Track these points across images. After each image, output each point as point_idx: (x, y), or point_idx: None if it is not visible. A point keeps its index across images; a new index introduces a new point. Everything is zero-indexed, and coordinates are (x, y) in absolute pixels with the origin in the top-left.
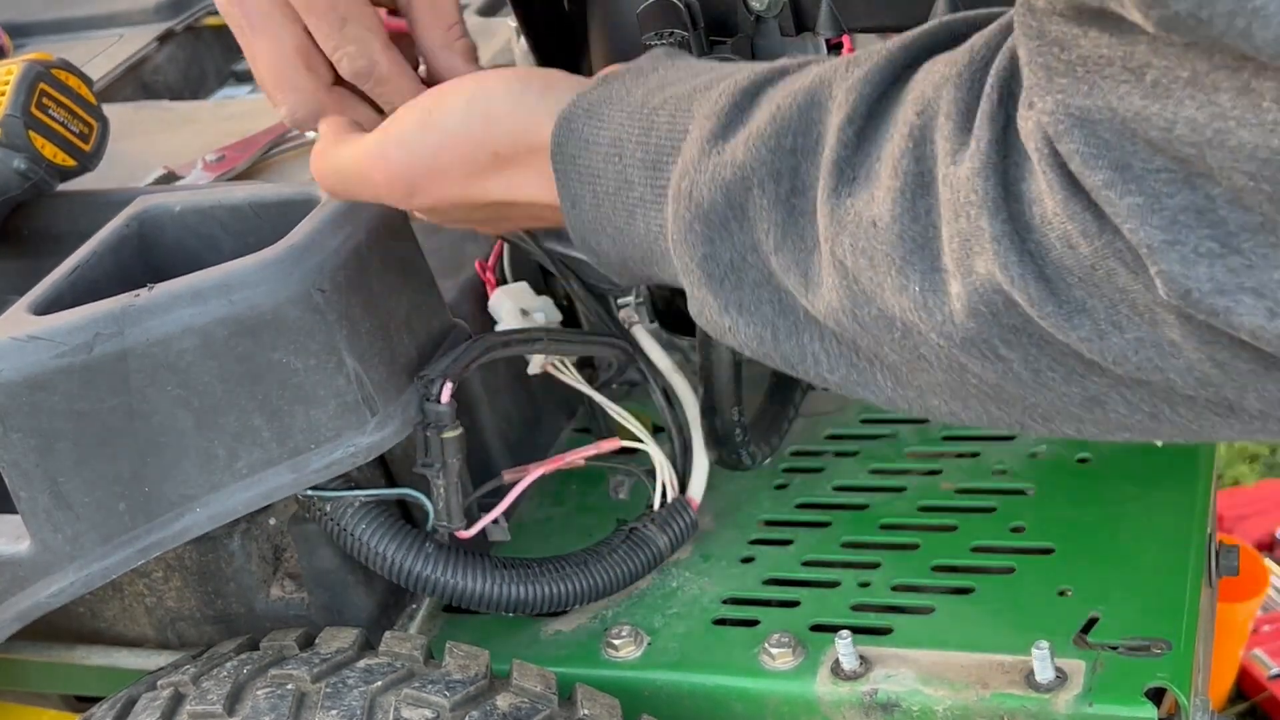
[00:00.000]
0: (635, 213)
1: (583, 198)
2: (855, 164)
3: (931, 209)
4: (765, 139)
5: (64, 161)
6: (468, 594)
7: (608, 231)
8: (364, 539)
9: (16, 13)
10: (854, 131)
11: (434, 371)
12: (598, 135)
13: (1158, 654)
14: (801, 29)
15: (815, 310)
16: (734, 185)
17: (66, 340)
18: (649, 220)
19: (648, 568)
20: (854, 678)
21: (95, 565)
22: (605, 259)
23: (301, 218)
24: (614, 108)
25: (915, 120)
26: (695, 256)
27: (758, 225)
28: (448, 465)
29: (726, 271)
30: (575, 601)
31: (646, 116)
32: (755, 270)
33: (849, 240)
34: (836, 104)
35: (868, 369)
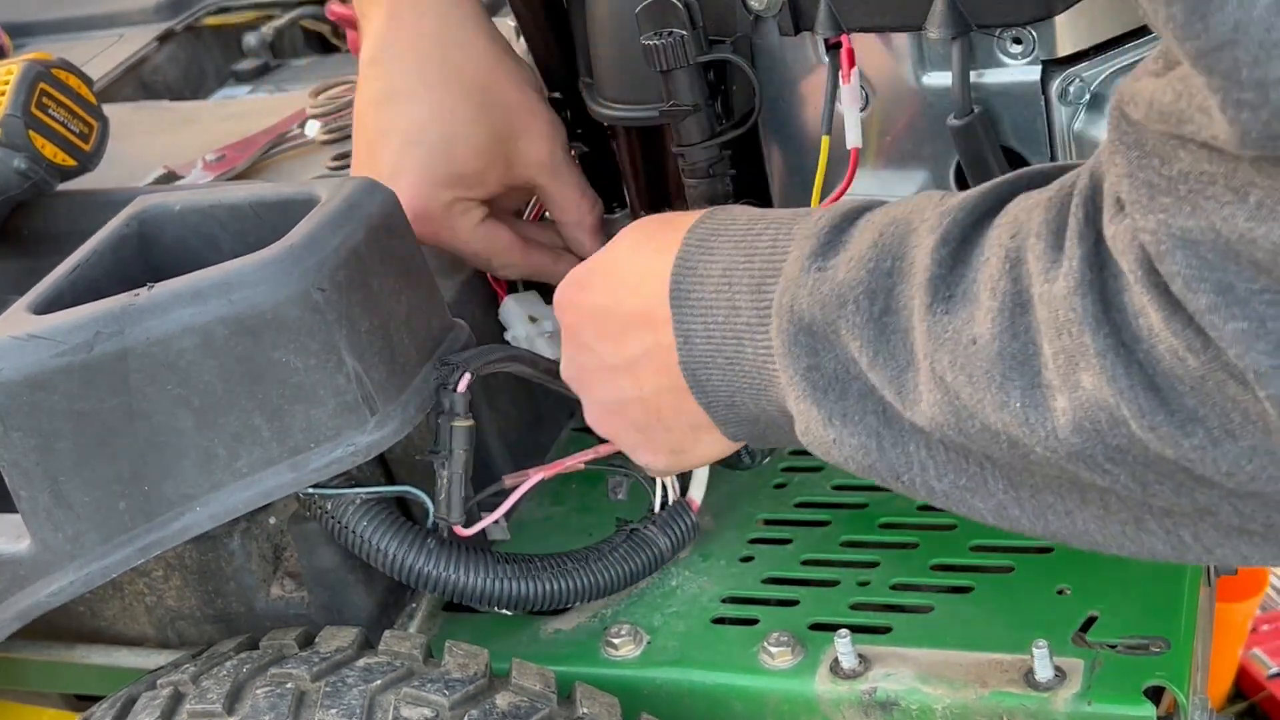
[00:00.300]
0: (743, 339)
1: (695, 331)
2: (951, 283)
3: (1030, 326)
4: (865, 261)
5: (64, 161)
6: (469, 590)
7: (718, 363)
8: (365, 536)
9: (16, 13)
10: (948, 252)
11: (457, 359)
12: (710, 268)
13: (1156, 653)
14: (800, 29)
15: (918, 423)
16: (830, 301)
17: (67, 339)
18: (756, 344)
19: (649, 569)
20: (853, 676)
21: (95, 564)
22: (715, 398)
23: (301, 217)
24: (721, 238)
25: (1009, 243)
26: (799, 368)
27: (850, 343)
28: (455, 455)
29: (830, 383)
30: (576, 599)
31: (750, 242)
32: (857, 382)
33: (948, 357)
34: (929, 227)
35: (978, 473)
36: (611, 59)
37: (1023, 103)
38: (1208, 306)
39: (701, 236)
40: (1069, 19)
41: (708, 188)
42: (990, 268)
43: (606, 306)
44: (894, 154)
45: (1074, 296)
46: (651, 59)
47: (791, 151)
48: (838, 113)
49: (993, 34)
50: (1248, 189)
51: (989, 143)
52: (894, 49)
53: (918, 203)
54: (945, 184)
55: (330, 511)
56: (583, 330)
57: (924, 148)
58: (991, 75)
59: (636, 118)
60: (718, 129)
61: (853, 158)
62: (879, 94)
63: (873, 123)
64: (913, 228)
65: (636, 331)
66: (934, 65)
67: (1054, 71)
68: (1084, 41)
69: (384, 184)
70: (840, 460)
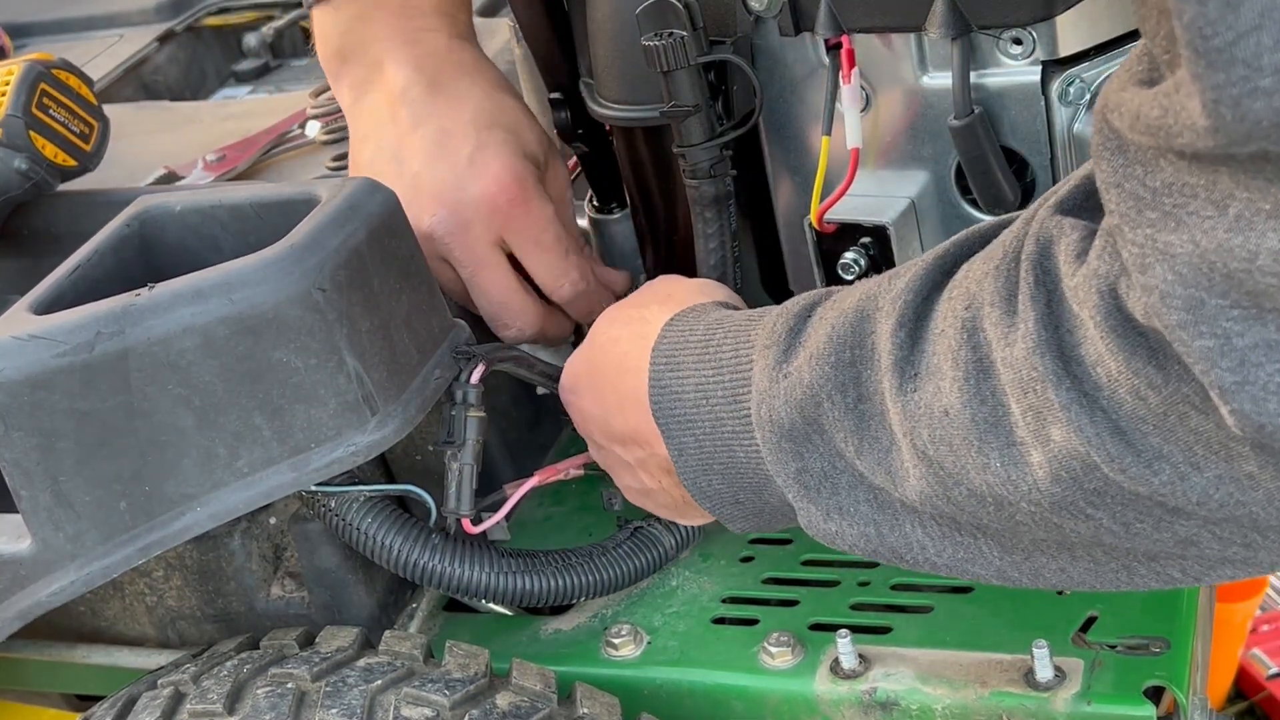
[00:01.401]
0: (732, 446)
1: (687, 444)
2: (914, 362)
3: (996, 390)
4: (825, 357)
5: (65, 161)
6: (474, 585)
7: (715, 469)
8: (369, 533)
9: (17, 13)
10: (905, 334)
11: (475, 349)
12: (682, 385)
13: (1156, 653)
14: (800, 29)
15: (909, 500)
16: (806, 403)
17: (68, 339)
18: (746, 449)
19: (653, 567)
20: (853, 676)
21: (96, 564)
22: (720, 500)
23: (302, 217)
24: (686, 354)
25: (965, 314)
26: (790, 472)
27: (835, 435)
28: (467, 445)
29: (821, 481)
30: (580, 595)
31: (714, 355)
32: (847, 475)
33: (925, 431)
34: (884, 313)
35: (972, 544)
36: (612, 59)
37: (1023, 103)
38: (1178, 323)
39: (668, 354)
40: (1069, 19)
41: (709, 188)
42: (948, 340)
43: (599, 416)
44: (894, 154)
45: (1034, 356)
46: (652, 60)
47: (792, 152)
48: (838, 113)
49: (993, 34)
50: (1228, 201)
51: (989, 143)
52: (894, 49)
53: (866, 289)
54: (946, 184)
55: (334, 509)
56: (590, 430)
57: (924, 148)
58: (992, 76)
59: (637, 118)
60: (718, 129)
61: (853, 158)
62: (879, 94)
63: (873, 123)
64: (865, 314)
65: (631, 444)
66: (934, 66)
67: (1054, 72)
68: (1084, 42)
69: (465, 165)
70: (846, 548)
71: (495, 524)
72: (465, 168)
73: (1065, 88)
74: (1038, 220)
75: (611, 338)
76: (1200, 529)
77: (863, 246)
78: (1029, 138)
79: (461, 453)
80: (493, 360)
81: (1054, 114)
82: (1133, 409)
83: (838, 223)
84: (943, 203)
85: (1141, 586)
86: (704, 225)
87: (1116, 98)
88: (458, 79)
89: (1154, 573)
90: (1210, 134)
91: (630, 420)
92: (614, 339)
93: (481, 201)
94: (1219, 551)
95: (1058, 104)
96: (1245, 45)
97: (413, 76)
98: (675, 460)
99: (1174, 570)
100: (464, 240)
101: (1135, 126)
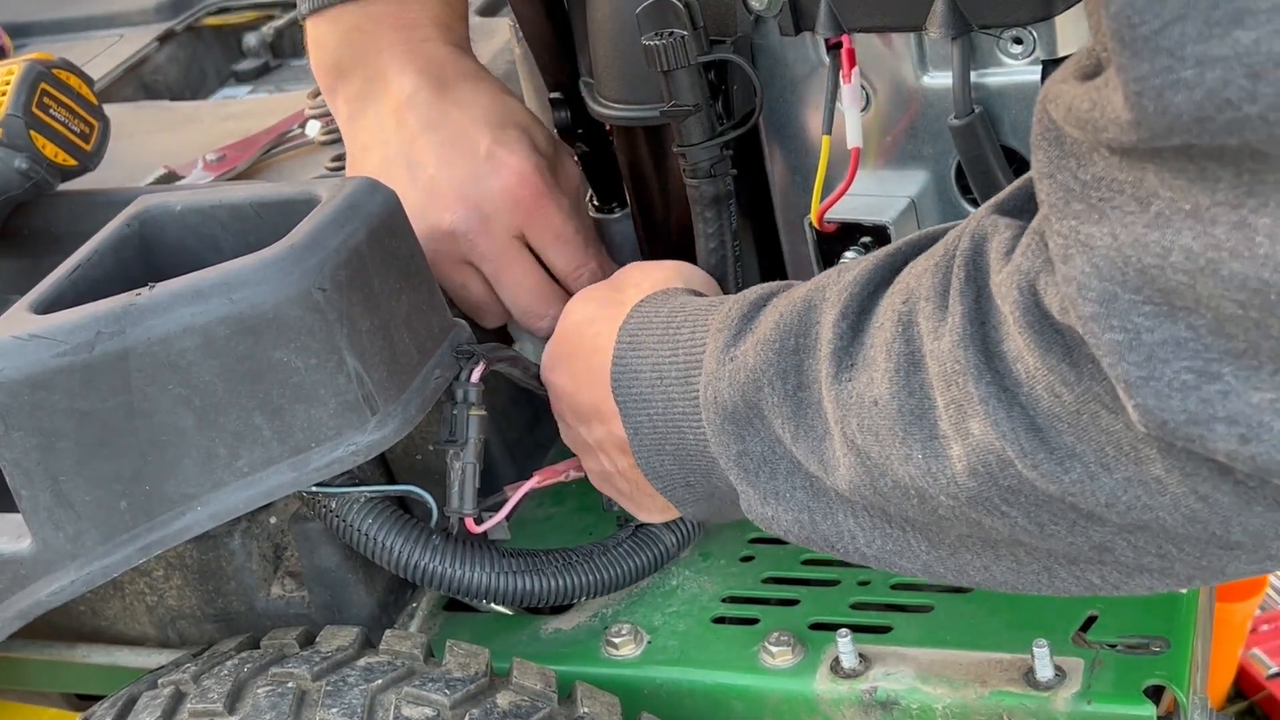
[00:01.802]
0: (683, 427)
1: (641, 423)
2: (852, 353)
3: (924, 383)
4: (770, 343)
5: (65, 161)
6: (474, 585)
7: (667, 450)
8: (370, 534)
9: (17, 13)
10: (847, 325)
11: (475, 348)
12: (641, 364)
13: (1156, 652)
14: (800, 29)
15: (841, 489)
16: (748, 387)
17: (68, 339)
18: (695, 431)
19: (653, 566)
20: (853, 676)
21: (96, 564)
22: (671, 482)
23: (302, 217)
24: (648, 333)
25: (901, 308)
26: (731, 455)
27: (774, 421)
28: (469, 444)
29: (760, 465)
30: (581, 595)
31: (672, 336)
32: (785, 461)
33: (855, 421)
34: (829, 303)
35: (900, 536)
36: (612, 59)
37: (1023, 103)
38: (1090, 315)
39: (631, 332)
40: (1069, 19)
41: (709, 187)
42: (885, 332)
43: (570, 392)
44: (894, 154)
45: (958, 349)
46: (652, 59)
47: (792, 151)
48: (838, 113)
49: (993, 34)
50: (1151, 199)
51: (989, 143)
52: (895, 49)
53: (818, 282)
54: (946, 184)
55: (334, 510)
56: (562, 409)
57: (924, 148)
58: (992, 75)
59: (637, 117)
60: (719, 129)
61: (853, 158)
62: (880, 94)
63: (873, 123)
64: (813, 304)
65: (594, 421)
66: (934, 65)
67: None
68: (1084, 41)
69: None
70: (780, 533)
71: (496, 524)
72: (483, 164)
73: None
74: (976, 218)
75: (588, 316)
76: (1114, 535)
77: (863, 246)
78: (1029, 137)
79: (464, 452)
80: (493, 359)
81: None
82: (1049, 406)
83: (838, 222)
84: (943, 202)
85: (1064, 591)
86: (704, 225)
87: (1056, 89)
88: (463, 83)
89: (1074, 577)
90: (1133, 127)
91: (594, 396)
92: (590, 318)
93: (502, 195)
94: (1134, 559)
95: None
96: (1169, 34)
97: (418, 82)
98: (631, 439)
99: (1093, 576)
100: (487, 236)
101: (1068, 119)
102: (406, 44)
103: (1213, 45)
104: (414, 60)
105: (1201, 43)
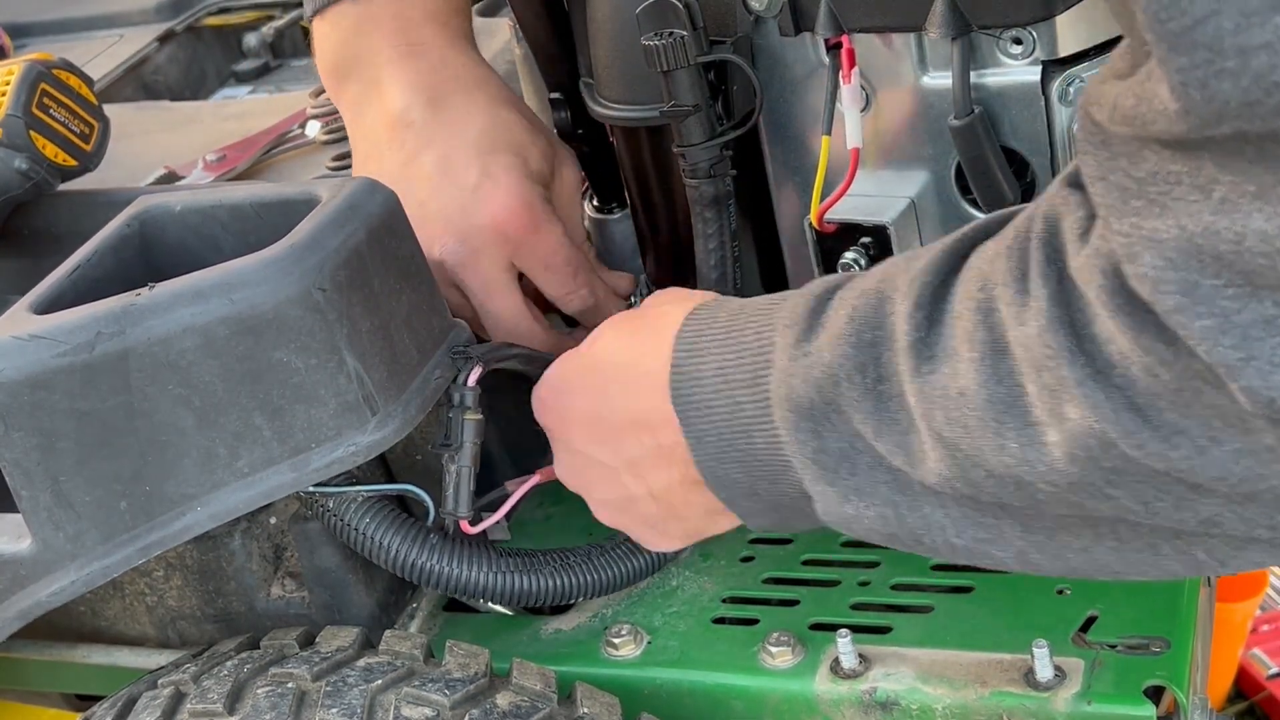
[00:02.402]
0: (752, 432)
1: (705, 432)
2: (930, 344)
3: (1012, 370)
4: (845, 337)
5: (65, 161)
6: (471, 585)
7: (733, 457)
8: (367, 533)
9: (17, 13)
10: (923, 316)
11: (471, 351)
12: (703, 369)
13: (1156, 653)
14: (800, 29)
15: (929, 482)
16: (825, 382)
17: (68, 339)
18: (765, 435)
19: (653, 567)
20: (853, 676)
21: (96, 564)
22: (736, 490)
23: (302, 217)
24: (708, 339)
25: (979, 295)
26: (808, 453)
27: (854, 416)
28: (465, 448)
29: (839, 461)
30: (580, 595)
31: (736, 338)
32: (866, 456)
33: (941, 414)
34: (901, 294)
35: (994, 523)
36: (612, 59)
37: (1023, 103)
38: (1175, 307)
39: (690, 340)
40: (1069, 19)
41: (708, 188)
42: (964, 322)
43: (595, 410)
44: (894, 154)
45: (1047, 334)
46: (652, 59)
47: (792, 152)
48: (838, 113)
49: (993, 34)
50: (1212, 186)
51: (989, 143)
52: (894, 49)
53: (886, 271)
54: (946, 184)
55: (332, 509)
56: (572, 435)
57: (924, 148)
58: (992, 76)
59: (637, 118)
60: (718, 129)
61: (853, 158)
62: (879, 94)
63: (873, 123)
64: (885, 296)
65: (634, 434)
66: (934, 66)
67: (1054, 72)
68: (1084, 42)
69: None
70: (863, 533)
71: (495, 523)
72: (471, 196)
73: (1065, 88)
74: (1047, 198)
75: (623, 336)
76: (1222, 508)
77: (863, 246)
78: (1029, 137)
79: (459, 455)
80: (490, 361)
81: (1054, 114)
82: (1147, 385)
83: (838, 222)
84: (943, 203)
85: (1168, 573)
86: (704, 225)
87: (1096, 91)
88: (457, 96)
89: (1179, 553)
90: (1182, 117)
91: (634, 408)
92: (631, 332)
93: (490, 229)
94: (1244, 531)
95: (1058, 104)
96: (1205, 30)
97: (411, 98)
98: (694, 448)
99: (1199, 552)
100: (474, 268)
101: (1114, 117)
102: (401, 47)
103: (1253, 34)
104: (408, 70)
105: (1240, 34)
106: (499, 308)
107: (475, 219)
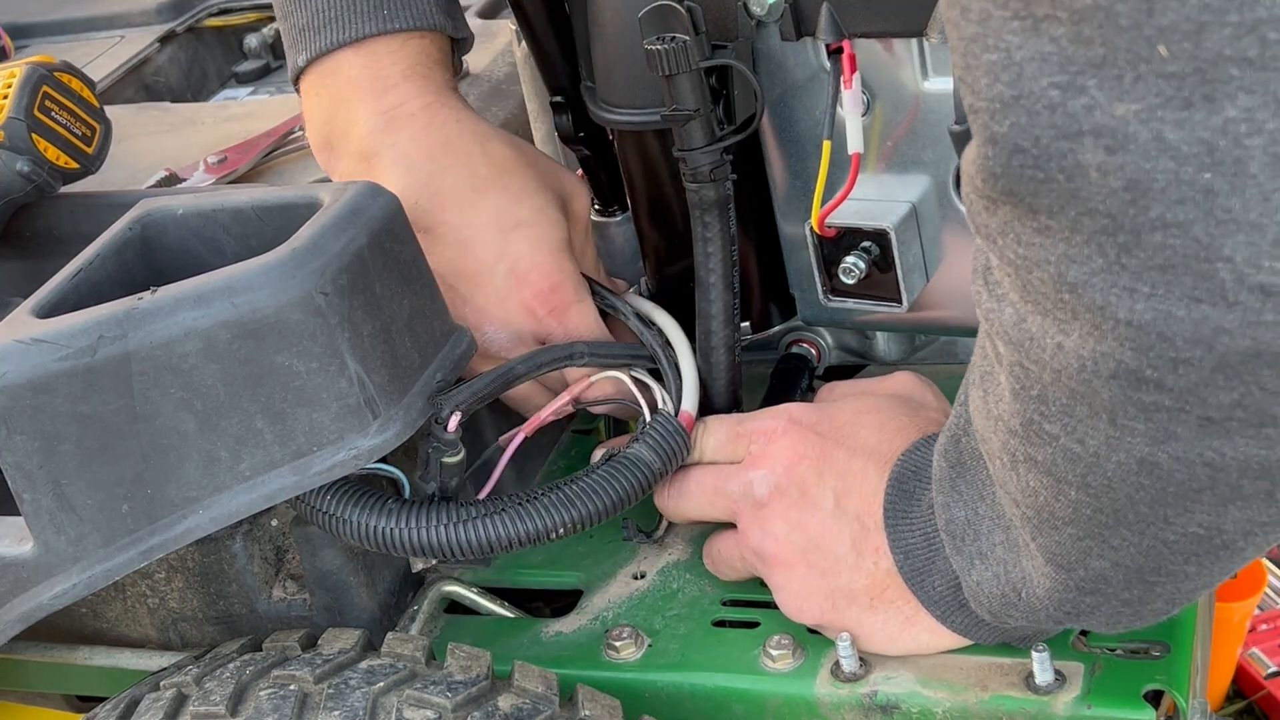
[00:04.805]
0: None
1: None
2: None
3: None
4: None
5: (66, 164)
6: (433, 544)
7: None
8: (329, 510)
9: (18, 14)
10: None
11: (449, 403)
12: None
13: (1156, 657)
14: (801, 34)
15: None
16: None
17: (70, 343)
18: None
19: (636, 493)
20: (853, 679)
21: (98, 567)
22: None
23: (304, 221)
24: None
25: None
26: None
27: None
28: (444, 487)
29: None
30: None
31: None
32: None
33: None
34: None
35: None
36: (613, 63)
37: None
38: (972, 36)
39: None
40: None
41: (709, 192)
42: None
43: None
44: (895, 159)
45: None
46: (654, 64)
47: (793, 156)
48: (839, 117)
49: None
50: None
51: None
52: (895, 54)
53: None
54: (946, 189)
55: (306, 499)
56: (792, 563)
57: (925, 152)
58: None
59: (638, 122)
60: (719, 133)
61: (854, 163)
62: (880, 99)
63: (874, 127)
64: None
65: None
66: (935, 70)
67: None
68: None
69: (501, 285)
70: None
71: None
72: (501, 284)
73: None
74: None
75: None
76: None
77: (864, 251)
78: None
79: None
80: (470, 408)
81: None
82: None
83: (839, 227)
84: (944, 207)
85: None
86: (703, 229)
87: None
88: (455, 170)
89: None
90: None
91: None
92: (822, 472)
93: (524, 314)
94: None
95: None
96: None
97: (406, 179)
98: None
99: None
100: (524, 347)
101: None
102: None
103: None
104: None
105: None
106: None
107: (509, 307)
